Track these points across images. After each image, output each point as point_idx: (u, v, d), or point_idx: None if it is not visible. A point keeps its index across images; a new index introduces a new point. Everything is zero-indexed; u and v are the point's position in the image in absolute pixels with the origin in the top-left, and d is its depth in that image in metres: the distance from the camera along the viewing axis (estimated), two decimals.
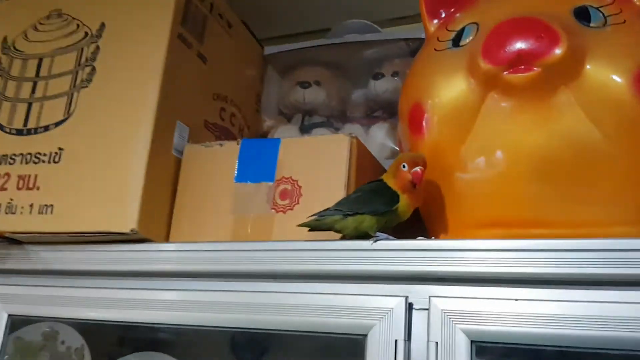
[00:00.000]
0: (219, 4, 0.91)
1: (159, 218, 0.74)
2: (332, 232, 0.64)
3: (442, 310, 0.55)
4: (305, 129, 1.01)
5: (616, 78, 0.56)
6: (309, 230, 0.65)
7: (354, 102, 1.02)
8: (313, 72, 1.02)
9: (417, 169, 0.61)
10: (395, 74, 0.97)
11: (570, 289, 0.52)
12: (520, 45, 0.56)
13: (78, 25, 0.83)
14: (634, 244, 0.51)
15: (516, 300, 0.53)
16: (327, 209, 0.63)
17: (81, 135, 0.76)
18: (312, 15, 1.14)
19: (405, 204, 0.63)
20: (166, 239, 0.75)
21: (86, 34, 0.81)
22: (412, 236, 0.62)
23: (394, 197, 0.63)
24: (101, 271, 0.73)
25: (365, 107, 1.01)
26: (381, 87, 0.97)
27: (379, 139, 0.93)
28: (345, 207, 0.63)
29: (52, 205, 0.74)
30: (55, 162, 0.76)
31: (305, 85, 1.01)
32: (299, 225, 0.64)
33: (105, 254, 0.72)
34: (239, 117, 0.96)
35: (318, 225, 0.64)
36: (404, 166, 0.62)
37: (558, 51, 0.55)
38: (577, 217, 0.58)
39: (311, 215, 0.64)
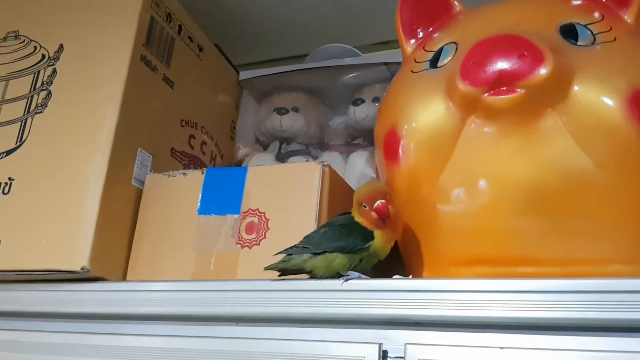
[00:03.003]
0: (189, 26, 0.86)
1: (115, 255, 0.68)
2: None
3: (419, 359, 0.49)
4: (282, 157, 0.96)
5: (607, 100, 0.51)
6: (279, 275, 0.59)
7: (333, 129, 0.98)
8: (291, 98, 0.98)
9: (378, 203, 0.56)
10: (376, 99, 0.92)
11: (562, 335, 0.47)
12: (501, 64, 0.51)
13: (35, 47, 0.78)
14: (632, 284, 0.45)
15: (501, 348, 0.47)
16: (294, 247, 0.58)
17: (33, 164, 0.71)
18: (290, 40, 1.11)
19: (381, 241, 0.57)
20: (124, 277, 0.69)
21: (43, 56, 0.76)
22: (390, 274, 0.57)
23: (368, 234, 0.57)
24: (49, 313, 0.66)
25: (344, 134, 0.97)
26: (361, 113, 0.92)
27: (358, 167, 0.88)
28: (314, 243, 0.57)
29: None
30: (4, 194, 0.71)
31: (282, 111, 0.97)
32: (266, 269, 0.58)
33: (54, 294, 0.66)
34: (210, 145, 0.91)
35: (286, 267, 0.58)
36: (364, 206, 0.57)
37: (543, 71, 0.50)
38: (569, 254, 0.53)
39: (277, 254, 0.58)
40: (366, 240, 0.56)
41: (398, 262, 0.64)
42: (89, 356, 0.63)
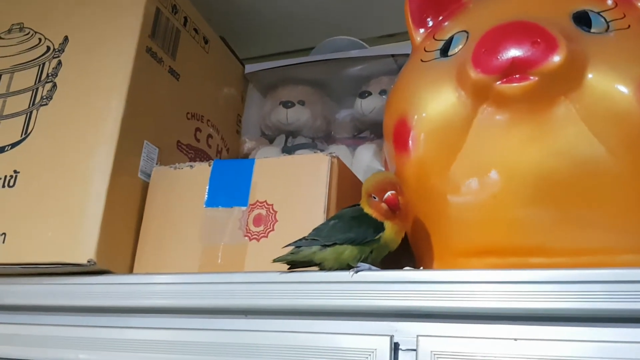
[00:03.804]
0: (195, 18, 0.85)
1: (121, 247, 0.68)
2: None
3: (431, 351, 0.48)
4: (288, 151, 0.95)
5: (621, 87, 0.50)
6: (288, 269, 0.58)
7: (339, 122, 0.98)
8: (297, 91, 0.98)
9: (389, 194, 0.55)
10: (382, 92, 0.92)
11: (576, 326, 0.46)
12: (514, 52, 0.50)
13: (40, 40, 0.77)
14: None
15: (515, 339, 0.47)
16: (303, 239, 0.57)
17: (39, 157, 0.70)
18: (296, 33, 1.10)
19: (392, 232, 0.57)
20: (130, 270, 0.68)
21: (48, 48, 0.76)
22: (399, 265, 0.56)
23: (378, 225, 0.56)
24: (55, 306, 0.66)
25: (351, 127, 0.96)
26: (368, 106, 0.92)
27: (365, 160, 0.88)
28: (323, 235, 0.56)
29: (4, 234, 0.68)
30: (9, 186, 0.70)
31: (288, 104, 0.96)
32: (275, 261, 0.57)
33: (60, 287, 0.65)
34: (216, 138, 0.90)
35: (295, 259, 0.57)
36: (374, 197, 0.56)
37: (556, 58, 0.49)
38: (580, 244, 0.52)
39: (286, 246, 0.57)
40: (377, 232, 0.56)
41: (407, 253, 0.64)
42: (95, 349, 0.62)
